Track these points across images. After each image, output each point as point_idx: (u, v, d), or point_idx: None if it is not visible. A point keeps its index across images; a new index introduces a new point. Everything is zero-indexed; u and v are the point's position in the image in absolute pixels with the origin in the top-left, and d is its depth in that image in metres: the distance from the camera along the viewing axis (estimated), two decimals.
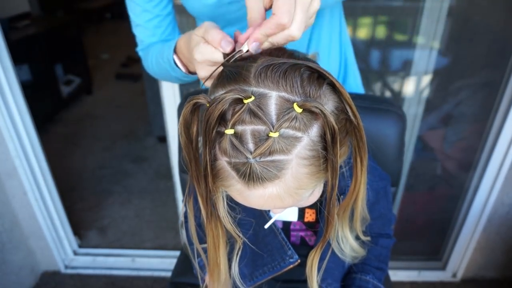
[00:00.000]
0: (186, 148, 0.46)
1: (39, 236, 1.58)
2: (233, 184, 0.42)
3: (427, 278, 1.67)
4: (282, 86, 0.40)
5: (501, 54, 1.33)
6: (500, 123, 1.32)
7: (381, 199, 0.71)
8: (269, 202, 0.43)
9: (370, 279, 0.72)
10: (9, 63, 1.30)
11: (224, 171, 0.42)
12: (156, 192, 2.23)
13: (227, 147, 0.40)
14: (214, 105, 0.39)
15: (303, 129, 0.40)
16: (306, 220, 0.71)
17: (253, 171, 0.40)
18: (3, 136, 1.33)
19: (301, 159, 0.41)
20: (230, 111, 0.41)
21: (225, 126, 0.40)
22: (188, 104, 0.42)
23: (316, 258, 0.60)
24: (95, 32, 5.33)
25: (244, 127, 0.40)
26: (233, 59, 0.45)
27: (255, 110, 0.39)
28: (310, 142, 0.41)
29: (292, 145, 0.40)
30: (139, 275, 1.69)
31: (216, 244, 0.56)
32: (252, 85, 0.41)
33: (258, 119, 0.39)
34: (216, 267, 0.60)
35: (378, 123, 0.76)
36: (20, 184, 1.44)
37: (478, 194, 1.45)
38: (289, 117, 0.39)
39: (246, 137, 0.40)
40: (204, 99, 0.42)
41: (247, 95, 0.39)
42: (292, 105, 0.40)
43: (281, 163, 0.40)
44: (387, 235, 0.77)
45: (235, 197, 0.46)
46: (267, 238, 0.70)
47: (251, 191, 0.42)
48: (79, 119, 3.11)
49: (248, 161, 0.40)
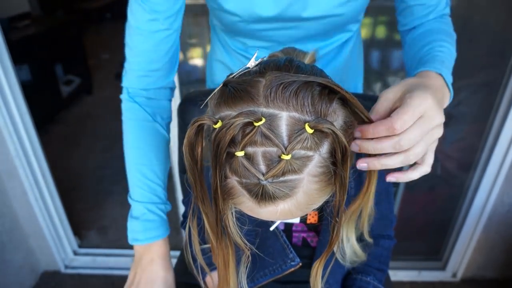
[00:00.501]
0: (191, 169, 0.45)
1: (39, 236, 1.58)
2: (244, 201, 0.42)
3: (427, 278, 1.67)
4: (292, 106, 0.39)
5: (501, 54, 1.33)
6: (500, 123, 1.32)
7: (383, 200, 0.71)
8: (279, 217, 0.43)
9: (371, 280, 0.72)
10: (9, 63, 1.30)
11: (235, 190, 0.42)
12: None
13: (238, 168, 0.40)
14: (224, 130, 0.38)
15: (314, 148, 0.40)
16: (308, 222, 0.71)
17: (266, 192, 0.40)
18: (3, 136, 1.33)
19: (312, 176, 0.40)
20: (239, 133, 0.39)
21: (235, 148, 0.39)
22: (193, 126, 0.42)
23: (320, 268, 0.59)
24: (95, 32, 5.32)
25: (255, 149, 0.39)
26: (237, 74, 0.44)
27: (266, 132, 0.38)
28: (321, 159, 0.41)
29: (304, 164, 0.40)
30: None
31: (226, 263, 0.55)
32: (261, 106, 0.39)
33: (270, 141, 0.38)
34: (226, 285, 0.60)
35: None
36: (20, 184, 1.44)
37: (478, 193, 1.45)
38: (300, 138, 0.39)
39: (257, 159, 0.39)
40: (209, 120, 0.41)
41: (257, 117, 0.38)
42: (304, 126, 0.39)
43: (293, 183, 0.40)
44: (388, 236, 0.77)
45: (245, 211, 0.45)
46: (269, 240, 0.70)
47: (262, 208, 0.42)
48: (79, 119, 3.11)
49: (260, 183, 0.39)
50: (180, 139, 0.88)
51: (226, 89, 0.43)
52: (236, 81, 0.42)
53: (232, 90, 0.42)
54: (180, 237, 1.86)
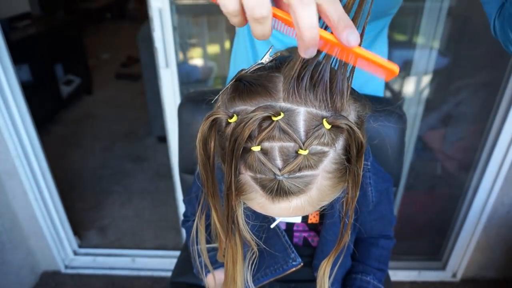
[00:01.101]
0: (203, 165, 0.44)
1: (39, 236, 1.58)
2: (256, 197, 0.42)
3: (427, 278, 1.67)
4: (310, 101, 0.39)
5: (501, 54, 1.33)
6: (500, 123, 1.32)
7: (383, 200, 0.71)
8: (291, 213, 0.43)
9: (371, 279, 0.73)
10: (9, 63, 1.30)
11: (248, 185, 0.41)
12: (156, 192, 2.23)
13: (254, 163, 0.39)
14: (243, 125, 0.38)
15: (330, 144, 0.40)
16: (309, 222, 0.71)
17: (281, 187, 0.39)
18: (3, 136, 1.33)
19: (326, 172, 0.41)
20: (256, 128, 0.39)
21: (251, 143, 0.39)
22: (207, 120, 0.41)
23: (328, 268, 0.59)
24: (95, 32, 5.32)
25: (272, 144, 0.39)
26: (251, 69, 0.43)
27: (285, 127, 0.38)
28: (336, 156, 0.41)
29: (319, 160, 0.40)
30: (139, 275, 1.69)
31: (235, 261, 0.55)
32: (279, 100, 0.39)
33: (288, 136, 0.38)
34: (233, 284, 0.59)
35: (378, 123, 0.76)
36: (20, 184, 1.44)
37: (478, 194, 1.45)
38: (318, 134, 0.38)
39: (274, 154, 0.39)
40: (224, 113, 0.40)
41: (276, 112, 0.38)
42: (321, 121, 0.39)
43: (308, 178, 0.40)
44: (388, 236, 0.77)
45: (255, 208, 0.45)
46: (270, 240, 0.70)
47: (275, 204, 0.41)
48: (79, 119, 3.11)
49: (276, 178, 0.39)
50: (180, 139, 0.88)
51: (240, 84, 0.42)
52: (251, 76, 0.42)
53: (248, 85, 0.41)
54: (180, 237, 1.86)
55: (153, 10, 1.16)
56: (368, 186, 0.68)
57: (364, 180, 0.67)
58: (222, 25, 1.84)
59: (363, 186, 0.68)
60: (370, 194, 0.68)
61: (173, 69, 1.28)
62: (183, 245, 1.05)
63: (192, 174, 0.90)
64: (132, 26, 4.72)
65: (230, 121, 0.40)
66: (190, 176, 0.92)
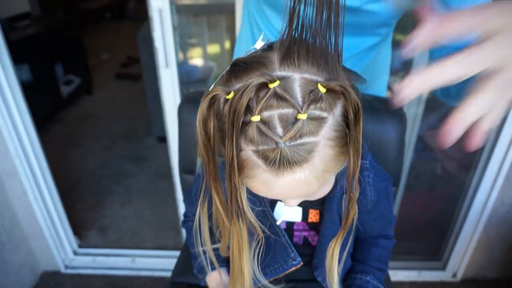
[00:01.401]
0: (203, 146, 0.44)
1: (39, 236, 1.58)
2: (259, 174, 0.41)
3: (427, 278, 1.67)
4: (304, 67, 0.40)
5: None
6: (500, 123, 1.32)
7: (383, 199, 0.71)
8: (296, 188, 0.42)
9: (371, 279, 0.73)
10: (9, 63, 1.30)
11: (249, 161, 0.41)
12: (156, 192, 2.23)
13: (254, 135, 0.39)
14: (240, 93, 0.38)
15: (328, 109, 0.40)
16: (309, 221, 0.71)
17: (283, 156, 0.39)
18: (3, 136, 1.33)
19: (327, 140, 0.41)
20: (254, 99, 0.40)
21: (250, 114, 0.39)
22: (205, 98, 0.41)
23: (336, 248, 0.58)
24: (95, 32, 5.33)
25: (271, 112, 0.39)
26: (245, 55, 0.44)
27: (281, 93, 0.39)
28: (335, 122, 0.41)
29: (319, 126, 0.40)
30: (139, 275, 1.69)
31: (241, 249, 0.54)
32: (275, 70, 0.40)
33: (286, 102, 0.39)
34: (240, 275, 0.58)
35: (378, 123, 0.76)
36: (20, 184, 1.44)
37: (478, 194, 1.45)
38: (314, 97, 0.39)
39: (274, 122, 0.39)
40: (222, 91, 0.41)
41: (272, 78, 0.39)
42: (316, 86, 0.40)
43: (310, 145, 0.40)
44: (387, 236, 0.77)
45: (257, 189, 0.45)
46: (270, 240, 0.70)
47: (279, 178, 0.41)
48: (79, 119, 3.11)
49: (278, 146, 0.39)
50: (180, 139, 0.88)
51: (236, 66, 0.43)
52: (246, 58, 0.43)
53: (243, 65, 0.42)
54: (180, 237, 1.86)
55: (153, 10, 1.16)
56: (366, 185, 0.68)
57: (363, 179, 0.67)
58: (222, 25, 1.84)
59: (361, 184, 0.67)
60: (369, 193, 0.68)
61: (173, 69, 1.28)
62: (183, 245, 1.05)
63: (192, 174, 0.90)
64: (132, 26, 4.73)
65: (228, 98, 0.40)
66: (190, 176, 0.92)
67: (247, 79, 0.40)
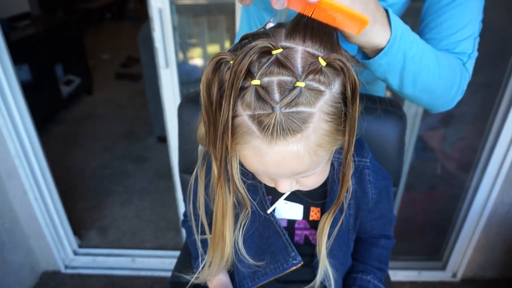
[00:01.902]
0: (206, 110, 0.44)
1: (39, 236, 1.58)
2: (252, 140, 0.42)
3: (427, 278, 1.67)
4: (308, 41, 0.42)
5: (501, 54, 1.33)
6: (500, 123, 1.32)
7: (383, 198, 0.71)
8: (287, 160, 0.42)
9: (371, 279, 0.73)
10: (9, 63, 1.30)
11: (243, 126, 0.42)
12: (156, 192, 2.23)
13: (252, 98, 0.41)
14: (243, 54, 0.39)
15: (326, 83, 0.41)
16: (311, 219, 0.71)
17: (278, 122, 0.40)
18: (3, 136, 1.33)
19: (323, 113, 0.41)
20: (255, 64, 0.41)
21: (251, 78, 0.41)
22: (212, 61, 0.42)
23: (327, 223, 0.60)
24: (95, 32, 5.33)
25: (270, 78, 0.40)
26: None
27: (283, 60, 0.40)
28: (332, 98, 0.42)
29: (316, 98, 0.41)
30: (139, 275, 1.69)
31: (224, 213, 0.55)
32: (280, 41, 0.42)
33: (286, 69, 0.40)
34: (221, 240, 0.59)
35: (378, 123, 0.76)
36: (20, 184, 1.44)
37: (478, 194, 1.45)
38: (314, 68, 0.40)
39: (272, 88, 0.40)
40: (229, 55, 0.42)
41: (276, 45, 0.40)
42: (317, 59, 0.41)
43: (305, 115, 0.40)
44: (388, 236, 0.77)
45: (249, 160, 0.45)
46: (271, 239, 0.70)
47: (271, 146, 0.41)
48: (79, 119, 3.11)
49: (274, 111, 0.40)
50: (180, 139, 0.88)
51: (244, 40, 0.44)
52: (255, 32, 0.45)
53: (251, 38, 0.44)
54: (180, 237, 1.86)
55: (153, 10, 1.16)
56: (367, 183, 0.68)
57: (364, 177, 0.67)
58: (222, 25, 1.84)
59: (362, 183, 0.67)
60: (370, 191, 0.68)
61: (173, 69, 1.28)
62: (183, 245, 1.05)
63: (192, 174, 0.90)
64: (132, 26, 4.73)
65: (232, 62, 0.41)
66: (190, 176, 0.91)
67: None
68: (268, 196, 0.67)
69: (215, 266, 0.65)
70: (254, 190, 0.64)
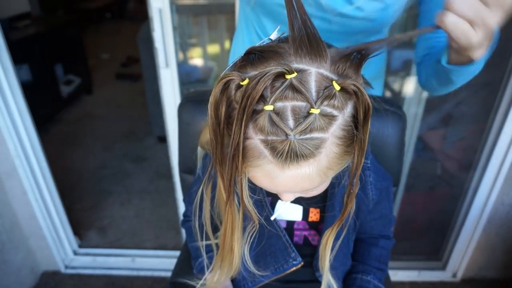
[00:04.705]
0: (213, 130, 0.44)
1: (39, 236, 1.58)
2: (263, 164, 0.41)
3: (427, 278, 1.67)
4: (321, 62, 0.40)
5: (501, 54, 1.33)
6: (500, 123, 1.32)
7: (383, 199, 0.71)
8: (299, 183, 0.42)
9: (371, 279, 0.73)
10: (9, 63, 1.30)
11: (255, 151, 0.41)
12: (156, 192, 2.23)
13: (266, 124, 0.39)
14: (257, 80, 0.38)
15: (340, 108, 0.40)
16: (310, 220, 0.71)
17: (292, 149, 0.39)
18: (3, 136, 1.33)
19: (335, 138, 0.41)
20: (268, 88, 0.39)
21: (263, 103, 0.39)
22: (220, 82, 0.41)
23: (331, 236, 0.60)
24: (95, 32, 5.33)
25: (284, 104, 0.39)
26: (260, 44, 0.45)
27: (298, 86, 0.38)
28: (344, 122, 0.41)
29: (329, 123, 0.40)
30: (139, 275, 1.69)
31: (233, 229, 0.55)
32: (291, 62, 0.40)
33: (300, 95, 0.39)
34: (229, 253, 0.59)
35: (378, 123, 0.76)
36: (20, 184, 1.44)
37: (478, 194, 1.45)
38: (328, 94, 0.39)
39: (286, 114, 0.39)
40: (238, 76, 0.41)
41: (291, 69, 0.38)
42: (331, 83, 0.40)
43: (318, 141, 0.40)
44: (387, 236, 0.77)
45: (259, 180, 0.45)
46: (271, 239, 0.70)
47: (284, 171, 0.41)
48: (79, 119, 3.11)
49: (288, 138, 0.39)
50: (180, 139, 0.88)
51: (251, 54, 0.43)
52: (262, 47, 0.43)
53: (259, 53, 0.42)
54: (180, 237, 1.86)
55: (153, 10, 1.16)
56: (368, 184, 0.68)
57: (364, 178, 0.67)
58: (222, 25, 1.84)
59: (363, 184, 0.68)
60: (370, 192, 0.68)
61: (173, 69, 1.28)
62: (183, 245, 1.05)
63: (192, 174, 0.90)
64: (132, 26, 4.73)
65: (242, 84, 0.40)
66: (190, 176, 0.92)
67: (263, 68, 0.40)
68: (267, 197, 0.67)
69: (223, 276, 0.65)
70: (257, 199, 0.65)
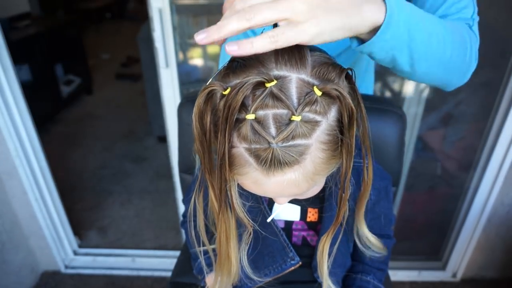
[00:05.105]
0: (199, 139, 0.44)
1: (39, 236, 1.58)
2: (250, 171, 0.42)
3: (427, 278, 1.67)
4: (302, 68, 0.40)
5: (501, 54, 1.33)
6: (500, 123, 1.32)
7: (382, 199, 0.71)
8: (286, 188, 0.42)
9: (371, 279, 0.73)
10: (9, 63, 1.30)
11: (241, 159, 0.41)
12: (156, 192, 2.23)
13: (248, 133, 0.40)
14: (236, 90, 0.38)
15: (322, 113, 0.40)
16: (308, 220, 0.71)
17: (275, 157, 0.39)
18: (3, 136, 1.33)
19: (320, 143, 0.41)
20: (250, 96, 0.40)
21: (245, 112, 0.40)
22: (203, 93, 0.41)
23: (327, 243, 0.60)
24: (95, 32, 5.33)
25: (265, 112, 0.39)
26: None
27: (278, 93, 0.39)
28: (328, 126, 0.41)
29: (312, 129, 0.40)
30: (139, 275, 1.69)
31: (228, 237, 0.55)
32: (272, 70, 0.40)
33: (281, 103, 0.39)
34: (227, 261, 0.59)
35: (378, 123, 0.76)
36: (20, 184, 1.44)
37: (478, 194, 1.45)
38: (310, 100, 0.39)
39: (268, 122, 0.39)
40: (220, 86, 0.41)
41: (270, 78, 0.39)
42: (312, 88, 0.40)
43: (302, 148, 0.40)
44: (388, 236, 0.77)
45: (248, 186, 0.45)
46: (268, 240, 0.70)
47: (269, 178, 0.41)
48: (79, 119, 3.11)
49: (270, 146, 0.39)
50: (180, 139, 0.88)
51: (234, 63, 0.43)
52: (244, 56, 0.42)
53: (241, 61, 0.42)
54: (180, 237, 1.86)
55: (153, 10, 1.17)
56: None
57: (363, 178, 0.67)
58: None
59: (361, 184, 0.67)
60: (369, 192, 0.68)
61: (173, 69, 1.28)
62: (183, 245, 1.05)
63: (192, 174, 0.90)
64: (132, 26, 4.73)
65: (224, 93, 0.40)
66: (190, 176, 0.92)
67: (244, 76, 0.40)
68: (264, 197, 0.67)
69: (223, 284, 0.65)
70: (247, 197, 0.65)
